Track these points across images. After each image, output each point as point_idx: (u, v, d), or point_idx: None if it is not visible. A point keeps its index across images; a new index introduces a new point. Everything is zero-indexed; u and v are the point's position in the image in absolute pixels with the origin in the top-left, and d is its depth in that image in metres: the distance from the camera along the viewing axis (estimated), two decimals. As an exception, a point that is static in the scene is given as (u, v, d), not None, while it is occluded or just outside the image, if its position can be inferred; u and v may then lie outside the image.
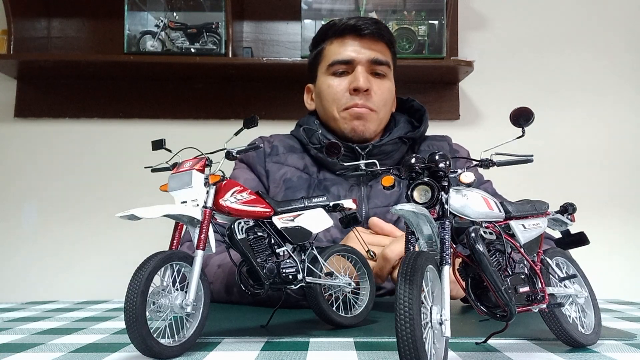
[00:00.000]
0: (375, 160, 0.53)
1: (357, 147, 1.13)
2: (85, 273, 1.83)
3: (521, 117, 0.48)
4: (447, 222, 0.44)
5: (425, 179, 0.45)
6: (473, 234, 0.46)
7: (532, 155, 0.48)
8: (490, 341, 0.55)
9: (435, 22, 1.79)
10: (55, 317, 0.79)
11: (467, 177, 0.45)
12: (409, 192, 0.45)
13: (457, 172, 0.46)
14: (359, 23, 1.14)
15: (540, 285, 0.50)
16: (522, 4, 1.98)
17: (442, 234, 0.44)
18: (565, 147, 1.89)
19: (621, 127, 1.91)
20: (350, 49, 1.14)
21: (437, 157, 0.46)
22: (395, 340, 0.36)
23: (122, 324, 0.70)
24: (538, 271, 0.50)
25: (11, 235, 1.85)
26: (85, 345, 0.56)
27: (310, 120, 1.22)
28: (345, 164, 0.55)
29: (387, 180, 0.48)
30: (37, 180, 1.87)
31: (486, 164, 0.48)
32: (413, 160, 0.46)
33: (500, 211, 0.50)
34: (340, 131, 1.17)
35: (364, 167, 0.52)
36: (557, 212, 0.57)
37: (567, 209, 0.57)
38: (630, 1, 1.98)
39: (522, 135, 0.48)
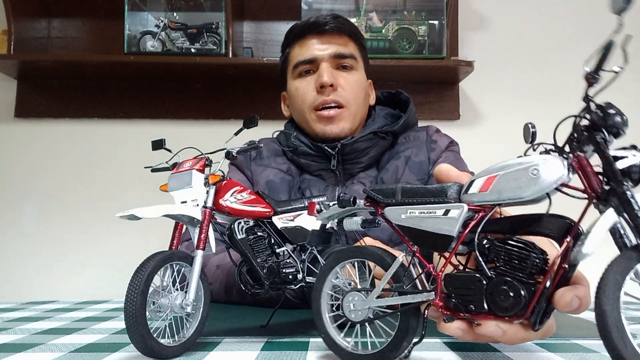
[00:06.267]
0: None
1: (326, 147, 1.10)
2: (85, 273, 1.82)
3: None
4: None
5: None
6: None
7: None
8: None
9: (436, 22, 1.79)
10: (55, 317, 0.79)
11: None
12: None
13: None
14: (318, 20, 1.13)
15: None
16: (522, 4, 1.98)
17: None
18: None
19: (621, 127, 1.91)
20: (312, 48, 1.13)
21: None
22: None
23: (122, 324, 0.70)
24: None
25: (11, 235, 1.85)
26: (85, 345, 0.56)
27: (289, 125, 1.22)
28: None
29: None
30: (37, 181, 1.86)
31: None
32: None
33: None
34: (312, 132, 1.14)
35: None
36: None
37: None
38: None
39: None
